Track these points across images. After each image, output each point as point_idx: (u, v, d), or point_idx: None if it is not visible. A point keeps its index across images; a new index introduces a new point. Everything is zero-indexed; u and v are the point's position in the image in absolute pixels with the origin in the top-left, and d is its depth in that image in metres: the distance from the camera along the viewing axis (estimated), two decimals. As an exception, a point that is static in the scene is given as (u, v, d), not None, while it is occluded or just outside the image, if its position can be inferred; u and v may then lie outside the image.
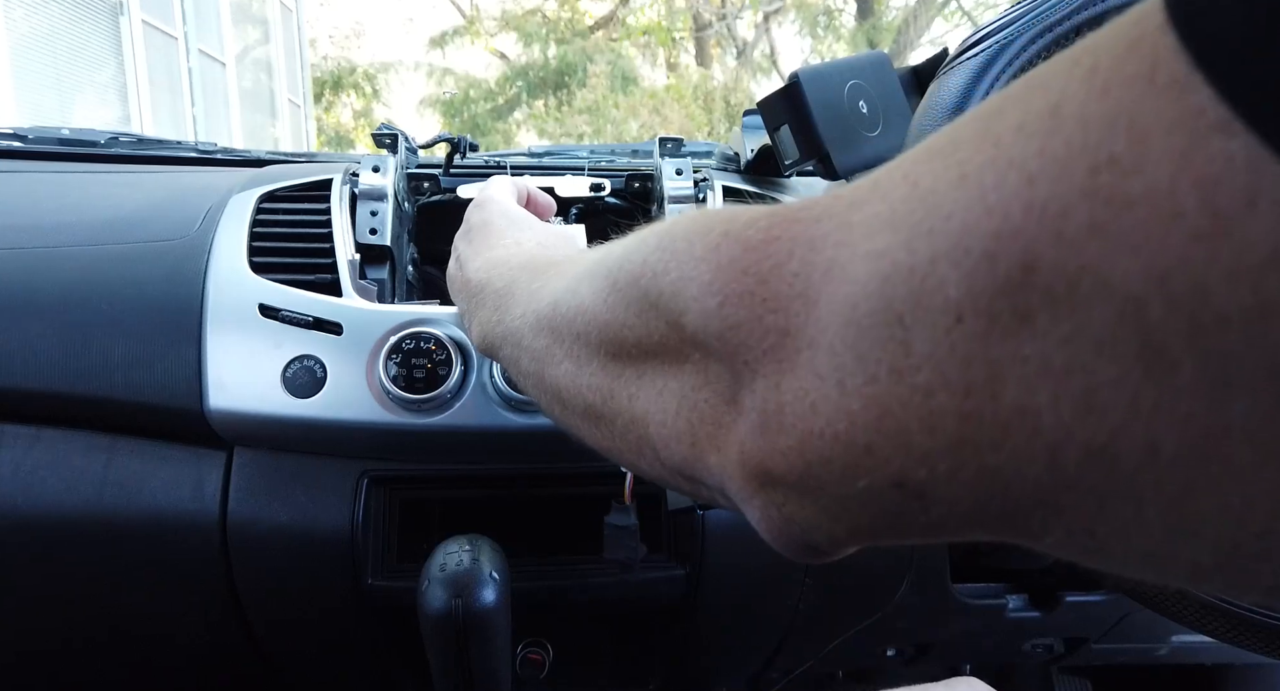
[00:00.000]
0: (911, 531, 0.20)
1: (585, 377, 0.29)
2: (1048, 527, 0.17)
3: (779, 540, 0.23)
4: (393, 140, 0.71)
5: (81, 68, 4.79)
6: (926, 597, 0.74)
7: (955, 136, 0.18)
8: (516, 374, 0.36)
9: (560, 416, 0.32)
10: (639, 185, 0.76)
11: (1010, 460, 0.16)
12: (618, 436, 0.28)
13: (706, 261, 0.22)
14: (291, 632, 0.66)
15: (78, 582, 0.61)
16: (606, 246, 0.31)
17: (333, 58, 13.42)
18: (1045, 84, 0.16)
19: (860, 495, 0.19)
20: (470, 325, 0.43)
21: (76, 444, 0.60)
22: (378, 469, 0.61)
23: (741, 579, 0.67)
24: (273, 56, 8.22)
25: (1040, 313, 0.15)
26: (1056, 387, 0.15)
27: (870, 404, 0.18)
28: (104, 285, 0.61)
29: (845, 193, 0.20)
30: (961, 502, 0.18)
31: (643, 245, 0.26)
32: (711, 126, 10.74)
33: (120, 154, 0.88)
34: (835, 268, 0.19)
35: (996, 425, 0.16)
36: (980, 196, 0.16)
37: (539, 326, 0.32)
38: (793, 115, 0.61)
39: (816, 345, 0.19)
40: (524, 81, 12.08)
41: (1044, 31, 0.48)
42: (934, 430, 0.17)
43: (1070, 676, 1.13)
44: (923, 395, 0.17)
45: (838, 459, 0.19)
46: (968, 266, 0.16)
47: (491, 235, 0.47)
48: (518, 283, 0.38)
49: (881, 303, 0.17)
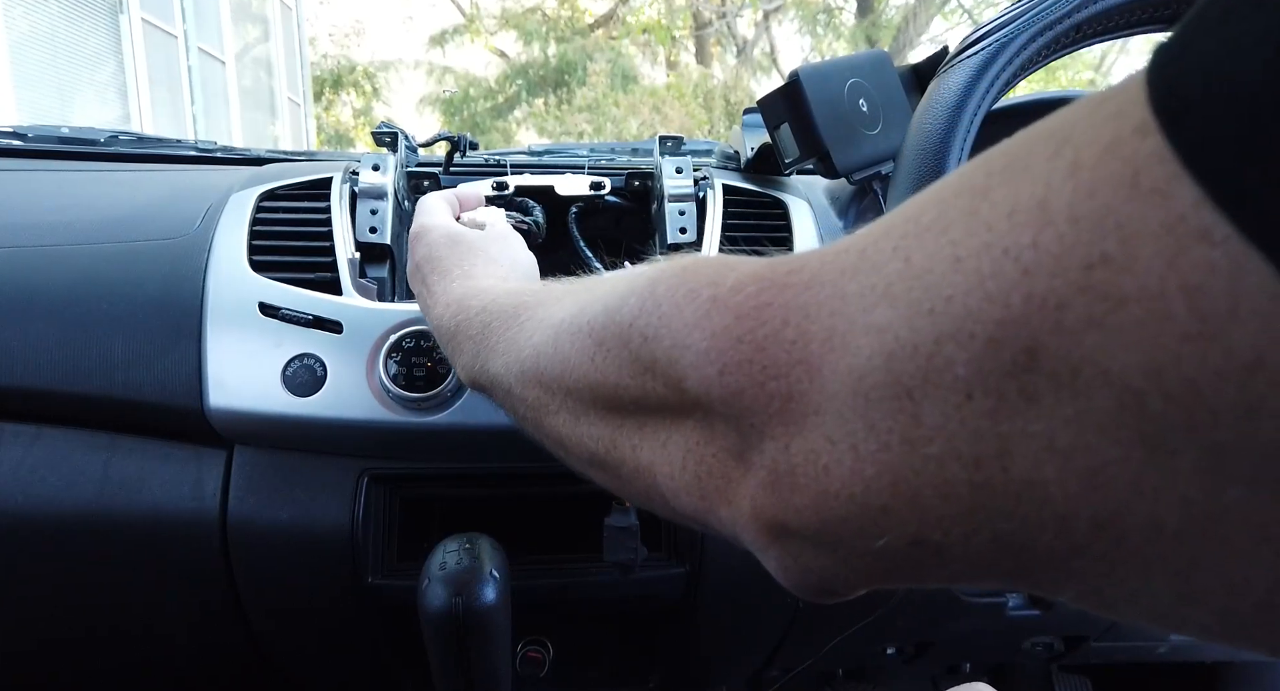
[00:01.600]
0: (928, 580, 0.21)
1: (584, 428, 0.29)
2: (1060, 586, 0.18)
3: (797, 586, 0.23)
4: (393, 139, 0.71)
5: (81, 66, 4.79)
6: (926, 596, 0.74)
7: (943, 214, 0.18)
8: (514, 417, 0.36)
9: (564, 459, 0.32)
10: (639, 183, 0.76)
11: (1021, 527, 0.17)
12: (625, 482, 0.28)
13: (700, 329, 0.22)
14: (291, 631, 0.66)
15: (77, 581, 0.61)
16: (578, 290, 0.31)
17: (332, 56, 13.41)
18: (1028, 169, 0.16)
19: (878, 551, 0.20)
20: (454, 363, 0.43)
21: (76, 442, 0.60)
22: (378, 467, 0.61)
23: (741, 578, 0.67)
24: (272, 55, 8.21)
25: (1045, 394, 0.16)
26: (1063, 464, 0.16)
27: (884, 470, 0.18)
28: (104, 284, 0.61)
29: (832, 259, 0.21)
30: (978, 561, 0.19)
31: (623, 304, 0.26)
32: (712, 125, 10.74)
33: (120, 153, 0.87)
34: (835, 337, 0.19)
35: (1008, 495, 0.17)
36: (979, 283, 0.16)
37: (525, 379, 0.32)
38: (793, 114, 0.61)
39: (824, 412, 0.20)
40: (524, 80, 12.08)
41: (1043, 30, 0.48)
42: (948, 497, 0.18)
43: (1070, 674, 1.14)
44: (936, 465, 0.18)
45: (854, 518, 0.19)
46: (974, 350, 0.16)
47: (440, 269, 0.47)
48: (491, 329, 0.37)
49: (889, 377, 0.18)
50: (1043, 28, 0.48)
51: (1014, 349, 0.16)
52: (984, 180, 0.17)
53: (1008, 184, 0.16)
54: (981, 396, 0.16)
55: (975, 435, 0.17)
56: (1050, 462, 0.16)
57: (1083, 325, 0.15)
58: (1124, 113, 0.15)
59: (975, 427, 0.17)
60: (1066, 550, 0.17)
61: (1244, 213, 0.13)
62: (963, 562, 0.19)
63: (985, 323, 0.16)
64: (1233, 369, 0.13)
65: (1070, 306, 0.15)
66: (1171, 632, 0.17)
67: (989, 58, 0.49)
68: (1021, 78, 0.50)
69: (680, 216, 0.70)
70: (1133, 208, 0.14)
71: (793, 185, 0.76)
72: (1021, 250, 0.16)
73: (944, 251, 0.17)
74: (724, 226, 0.69)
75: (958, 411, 0.17)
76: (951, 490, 0.17)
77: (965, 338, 0.16)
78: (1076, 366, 0.15)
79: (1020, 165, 0.16)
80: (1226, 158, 0.13)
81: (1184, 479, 0.14)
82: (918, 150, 0.51)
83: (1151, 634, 0.86)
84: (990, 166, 0.17)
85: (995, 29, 0.49)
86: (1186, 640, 0.87)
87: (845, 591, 0.23)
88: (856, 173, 0.63)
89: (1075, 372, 0.15)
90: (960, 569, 0.19)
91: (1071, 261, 0.15)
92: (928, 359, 0.17)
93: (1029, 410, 0.16)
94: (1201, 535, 0.15)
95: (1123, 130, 0.14)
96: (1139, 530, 0.15)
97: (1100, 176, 0.15)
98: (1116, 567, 0.16)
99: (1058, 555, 0.17)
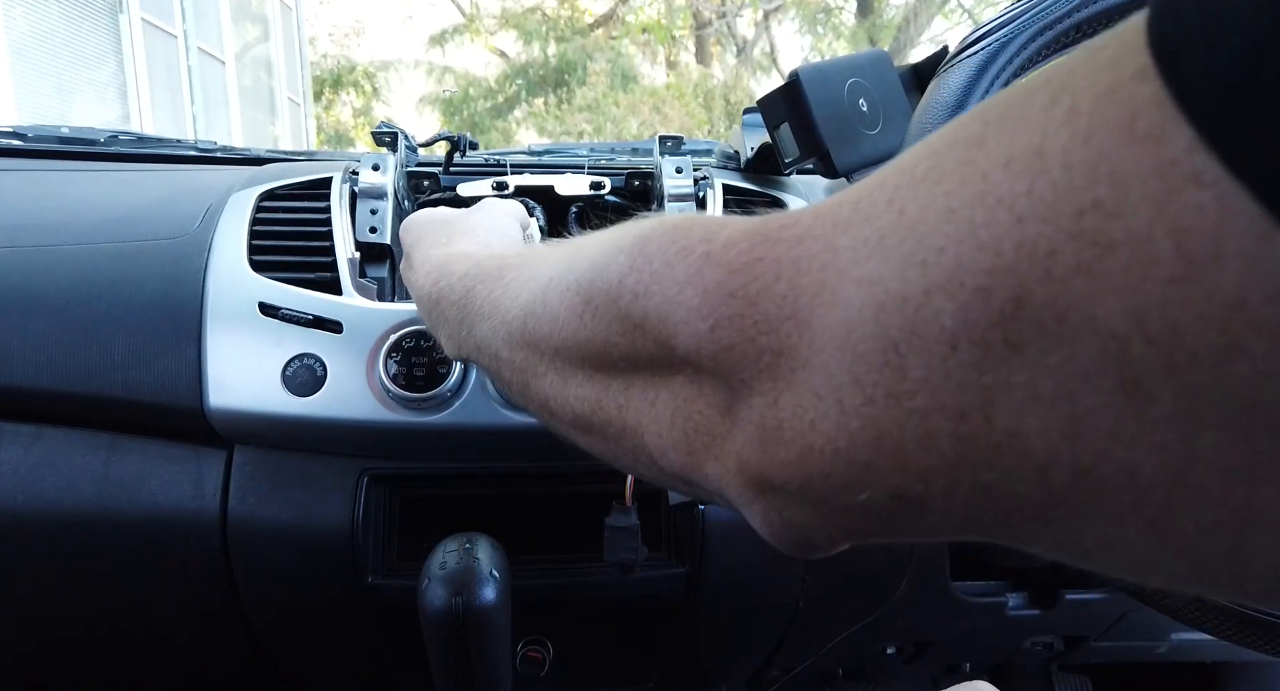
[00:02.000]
0: (908, 534, 0.21)
1: (571, 389, 0.29)
2: (1037, 537, 0.18)
3: (780, 541, 0.23)
4: (392, 138, 0.71)
5: (81, 66, 4.79)
6: (926, 595, 0.74)
7: (938, 164, 0.18)
8: (499, 382, 0.36)
9: (550, 423, 0.32)
10: (639, 183, 0.76)
11: (1002, 478, 0.17)
12: (610, 443, 0.28)
13: (692, 285, 0.22)
14: (291, 631, 0.66)
15: (77, 581, 0.61)
16: (563, 250, 0.31)
17: (332, 56, 13.42)
18: (1024, 118, 0.16)
19: (860, 505, 0.20)
20: (438, 335, 0.43)
21: (77, 442, 0.60)
22: (378, 467, 0.61)
23: (741, 577, 0.67)
24: (272, 54, 8.21)
25: (1030, 343, 0.16)
26: (1045, 413, 0.16)
27: (868, 424, 0.18)
28: (104, 284, 0.61)
29: (826, 212, 0.21)
30: (956, 513, 0.19)
31: (612, 262, 0.25)
32: (711, 125, 10.74)
33: (120, 152, 0.88)
34: (825, 291, 0.19)
35: (989, 447, 0.17)
36: (971, 232, 0.16)
37: (512, 341, 0.32)
38: (793, 113, 0.61)
39: (811, 366, 0.20)
40: (524, 79, 12.08)
41: (1044, 29, 0.48)
42: (930, 450, 0.18)
43: (1070, 674, 1.14)
44: (919, 418, 0.18)
45: (838, 473, 0.20)
46: (963, 299, 0.16)
47: (423, 244, 0.47)
48: (474, 293, 0.37)
49: (876, 329, 0.18)
50: (1043, 27, 0.48)
51: (1002, 298, 0.16)
52: (980, 129, 0.17)
53: (1004, 133, 0.16)
54: (967, 347, 0.16)
55: (960, 387, 0.17)
56: (1032, 413, 0.16)
57: (1071, 272, 0.15)
58: (1122, 59, 0.15)
59: (960, 380, 0.17)
60: (1045, 500, 0.17)
61: (1234, 152, 0.13)
62: (943, 515, 0.19)
63: (975, 272, 0.16)
64: (1214, 311, 0.13)
65: (1060, 253, 0.15)
66: (1146, 582, 0.18)
67: (989, 57, 0.49)
68: (1021, 77, 0.50)
69: (680, 216, 0.70)
70: (1127, 153, 0.14)
71: (793, 185, 0.76)
72: (1015, 199, 0.16)
73: (938, 202, 0.17)
74: (724, 226, 0.69)
75: (943, 363, 0.17)
76: (935, 443, 0.18)
77: (955, 287, 0.16)
78: (1062, 314, 0.15)
79: (1017, 114, 0.16)
80: (1220, 97, 0.13)
81: (1161, 425, 0.15)
82: (918, 150, 0.51)
83: (1152, 634, 0.86)
84: (986, 116, 0.17)
85: (995, 28, 0.49)
86: (1187, 640, 0.87)
87: (827, 546, 0.23)
88: (856, 172, 0.63)
89: (1060, 320, 0.15)
90: (940, 521, 0.19)
91: (1064, 208, 0.15)
92: (915, 310, 0.17)
93: (1013, 360, 0.16)
94: (1176, 481, 0.15)
95: (1121, 76, 0.14)
96: (1116, 477, 0.15)
97: (1096, 122, 0.15)
98: (1092, 516, 0.16)
99: (1036, 505, 0.17)
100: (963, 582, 0.76)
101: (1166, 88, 0.14)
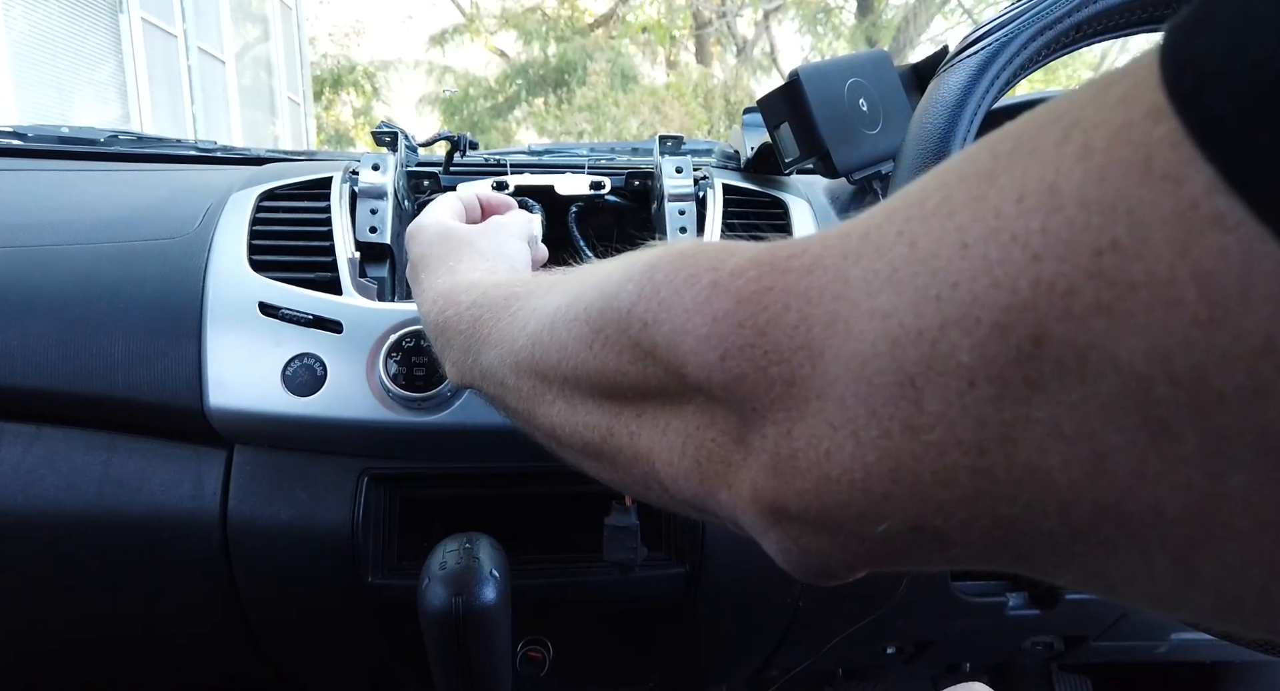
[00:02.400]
0: (929, 564, 0.21)
1: (580, 416, 0.29)
2: (1061, 570, 0.18)
3: (797, 568, 0.23)
4: (392, 138, 0.71)
5: (81, 66, 4.79)
6: (926, 595, 0.74)
7: (949, 197, 0.18)
8: (504, 410, 0.36)
9: (557, 450, 0.32)
10: (639, 183, 0.76)
11: (1024, 512, 0.17)
12: (621, 470, 0.28)
13: (700, 314, 0.22)
14: (291, 631, 0.66)
15: (77, 581, 0.61)
16: (570, 279, 0.31)
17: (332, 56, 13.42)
18: (1036, 153, 0.16)
19: (879, 536, 0.20)
20: (442, 360, 0.43)
21: (76, 442, 0.60)
22: (378, 467, 0.61)
23: (741, 577, 0.67)
24: (272, 54, 8.21)
25: (1050, 381, 0.16)
26: (1067, 450, 0.16)
27: (885, 456, 0.18)
28: (104, 283, 0.61)
29: (834, 243, 0.20)
30: (978, 545, 0.19)
31: (621, 290, 0.25)
32: (712, 124, 10.74)
33: (120, 152, 0.87)
34: (838, 322, 0.19)
35: (1010, 482, 0.17)
36: (986, 269, 0.16)
37: (519, 369, 0.32)
38: (793, 113, 0.61)
39: (825, 397, 0.19)
40: (524, 79, 12.08)
41: (1044, 29, 0.48)
42: (949, 484, 0.18)
43: (1070, 674, 1.14)
44: (937, 451, 0.17)
45: (855, 504, 0.19)
46: (979, 336, 0.16)
47: (429, 264, 0.47)
48: (482, 321, 0.37)
49: (891, 363, 0.18)
50: (1043, 27, 0.48)
51: (1020, 335, 0.16)
52: (990, 164, 0.17)
53: (1015, 168, 0.16)
54: (985, 383, 0.16)
55: (978, 422, 0.17)
56: (1054, 449, 0.16)
57: (1091, 311, 0.15)
58: (1134, 96, 0.14)
59: (978, 415, 0.17)
60: (1068, 535, 0.17)
61: (1258, 194, 0.13)
62: (963, 547, 0.19)
63: (991, 309, 0.16)
64: (1241, 353, 0.13)
65: (1079, 293, 0.15)
66: (1172, 616, 0.18)
67: (989, 57, 0.49)
68: (1022, 77, 0.50)
69: (680, 216, 0.70)
70: (1144, 193, 0.14)
71: (793, 185, 0.76)
72: (1030, 236, 0.15)
73: (950, 237, 0.17)
74: (724, 226, 0.69)
75: (960, 398, 0.17)
76: (953, 477, 0.17)
77: (971, 324, 0.16)
78: (1083, 353, 0.15)
79: (1028, 149, 0.16)
80: (1240, 137, 0.13)
81: (1187, 464, 0.14)
82: (918, 150, 0.51)
83: (1151, 633, 0.86)
84: (996, 150, 0.17)
85: (995, 28, 0.49)
86: (1187, 640, 0.87)
87: (845, 574, 0.23)
88: (856, 172, 0.63)
89: (1082, 359, 0.15)
90: (961, 553, 0.19)
91: (1081, 247, 0.15)
92: (931, 345, 0.17)
93: (1033, 397, 0.16)
94: (1202, 520, 0.15)
95: (1133, 114, 0.14)
96: (1141, 515, 0.15)
97: (1111, 160, 0.14)
98: (1118, 552, 0.16)
99: (1059, 540, 0.17)
100: (962, 582, 0.76)
101: (1184, 127, 0.13)
